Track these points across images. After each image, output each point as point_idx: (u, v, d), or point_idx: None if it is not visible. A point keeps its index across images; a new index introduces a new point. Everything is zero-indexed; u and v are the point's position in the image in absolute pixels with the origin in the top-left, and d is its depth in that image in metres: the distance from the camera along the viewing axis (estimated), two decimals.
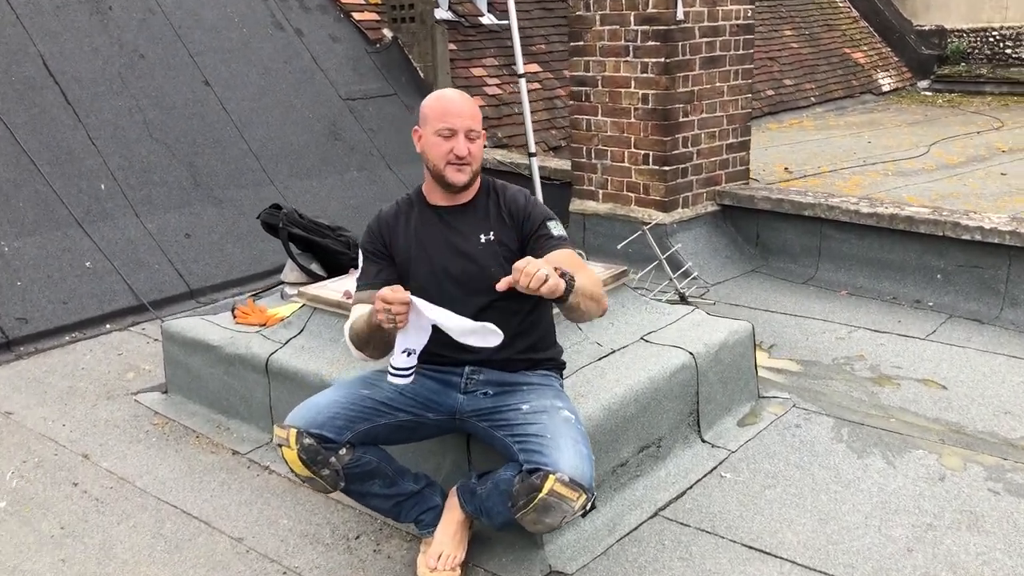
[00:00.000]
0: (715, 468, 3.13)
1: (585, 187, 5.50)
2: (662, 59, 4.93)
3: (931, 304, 4.51)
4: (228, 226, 5.51)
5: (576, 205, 5.59)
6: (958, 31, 12.69)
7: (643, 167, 5.16)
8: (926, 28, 12.87)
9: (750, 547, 2.68)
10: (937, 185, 6.46)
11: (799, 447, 3.24)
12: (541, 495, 2.23)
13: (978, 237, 4.31)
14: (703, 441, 3.29)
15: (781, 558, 2.62)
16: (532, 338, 2.62)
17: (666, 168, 5.07)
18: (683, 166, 5.14)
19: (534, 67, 8.35)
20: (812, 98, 10.94)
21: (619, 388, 2.98)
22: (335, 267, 3.92)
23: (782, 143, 8.56)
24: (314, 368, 3.26)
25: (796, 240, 5.07)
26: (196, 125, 5.85)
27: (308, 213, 4.03)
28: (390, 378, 2.42)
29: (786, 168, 7.19)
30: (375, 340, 2.45)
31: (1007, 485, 2.93)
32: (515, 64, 5.03)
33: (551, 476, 2.23)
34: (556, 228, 2.54)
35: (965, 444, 3.21)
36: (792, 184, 6.36)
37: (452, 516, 2.61)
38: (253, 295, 4.12)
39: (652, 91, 5.01)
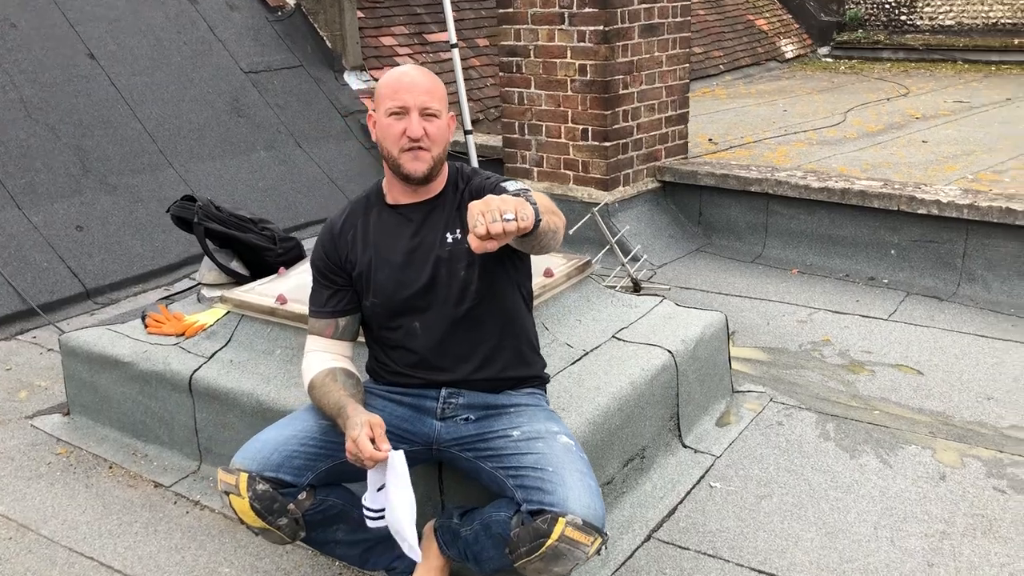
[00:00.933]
0: (702, 477, 2.87)
1: (519, 165, 5.15)
2: (600, 27, 4.60)
3: (886, 281, 4.37)
4: (124, 216, 4.94)
5: None
6: None
7: (582, 143, 4.85)
8: None
9: (759, 571, 2.42)
10: (864, 154, 6.37)
11: (786, 448, 3.01)
12: (550, 542, 1.91)
13: (934, 211, 4.17)
14: (684, 446, 3.02)
15: None
16: (516, 350, 2.27)
17: (607, 144, 4.77)
18: (624, 141, 4.85)
19: (445, 35, 7.91)
20: (721, 66, 10.84)
21: (602, 398, 2.67)
22: (259, 265, 3.47)
23: (698, 113, 8.37)
24: (247, 387, 2.84)
25: (741, 217, 4.86)
26: (82, 103, 5.23)
27: (218, 200, 3.53)
28: (368, 522, 2.09)
29: (710, 139, 7.00)
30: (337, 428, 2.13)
31: (1011, 482, 2.77)
32: (447, 33, 4.61)
33: (561, 519, 1.90)
34: (512, 185, 2.06)
35: (957, 436, 3.04)
36: (719, 156, 6.15)
37: (431, 563, 2.26)
38: (165, 299, 3.63)
39: (590, 61, 4.69)
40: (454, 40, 4.26)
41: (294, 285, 3.10)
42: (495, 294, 2.19)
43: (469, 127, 4.41)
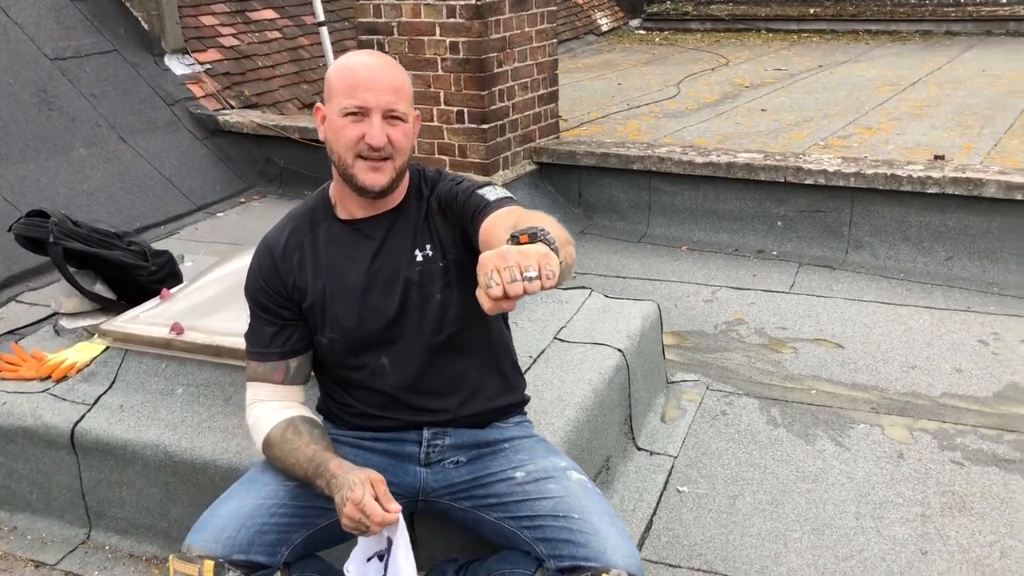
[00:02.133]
0: (667, 482, 2.69)
1: None
2: (472, 0, 4.30)
3: (775, 253, 4.37)
4: None
5: None
6: None
7: (457, 126, 4.55)
8: None
9: None
10: (713, 125, 6.43)
11: (740, 440, 2.89)
12: None
13: (821, 181, 4.19)
14: (639, 449, 2.84)
15: None
16: (502, 375, 1.98)
17: (485, 126, 4.49)
18: (501, 123, 4.59)
19: (269, 13, 7.33)
20: None
21: (570, 411, 2.42)
22: (127, 286, 2.96)
23: None
24: (149, 437, 2.39)
25: (623, 196, 4.74)
26: None
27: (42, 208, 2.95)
28: None
29: (559, 117, 6.87)
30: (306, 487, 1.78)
31: (964, 454, 2.77)
32: (312, 10, 4.12)
33: None
34: (492, 192, 1.80)
35: (898, 410, 3.02)
36: (575, 133, 6.03)
37: None
38: (10, 333, 3.04)
39: (463, 38, 4.39)
40: (321, 17, 3.84)
41: (185, 309, 2.66)
42: (477, 315, 1.87)
43: None
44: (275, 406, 1.87)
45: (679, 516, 2.54)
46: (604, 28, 12.24)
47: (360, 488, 1.62)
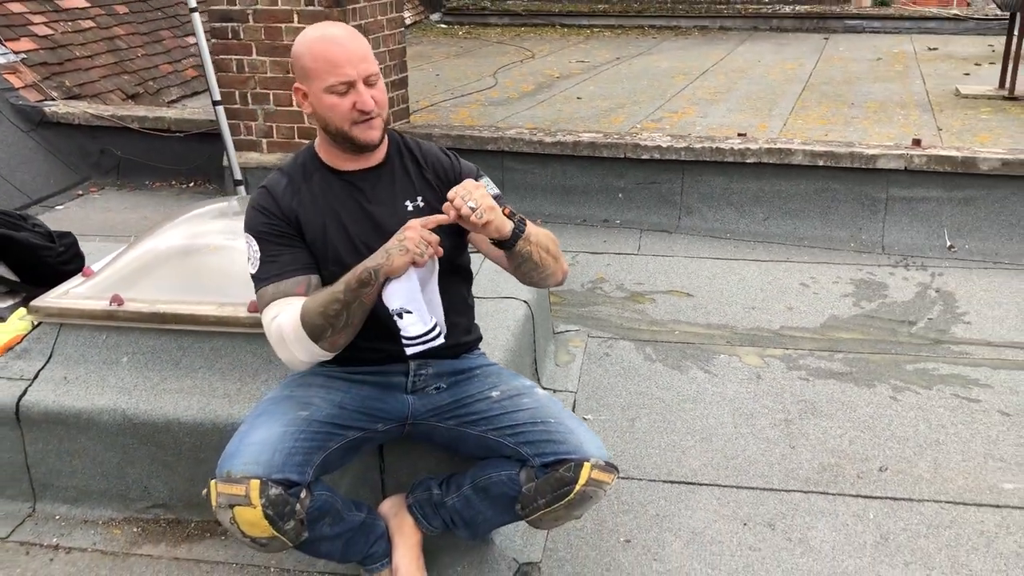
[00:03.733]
0: (573, 413, 3.07)
1: (243, 137, 4.86)
2: None
3: (619, 222, 4.87)
4: None
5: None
6: None
7: None
8: None
9: (672, 482, 2.70)
10: (537, 111, 6.89)
11: (625, 374, 3.32)
12: (579, 487, 1.98)
13: (656, 156, 4.72)
14: (545, 388, 3.18)
15: (705, 484, 2.69)
16: (468, 315, 2.28)
17: None
18: None
19: (80, 1, 7.07)
20: None
21: (497, 353, 2.73)
22: (35, 267, 2.96)
23: None
24: (104, 403, 2.48)
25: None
26: None
27: None
28: (416, 350, 1.91)
29: None
30: (355, 312, 1.92)
31: (808, 372, 3.33)
32: None
33: (586, 464, 1.98)
34: (491, 187, 2.14)
35: (749, 342, 3.56)
36: (411, 120, 6.30)
37: (411, 539, 2.21)
38: None
39: None
40: (194, 4, 3.88)
41: (118, 282, 2.72)
42: (457, 262, 2.17)
43: (217, 97, 4.06)
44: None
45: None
46: (408, 22, 12.50)
47: (400, 235, 1.87)
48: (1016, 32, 6.70)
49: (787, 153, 4.53)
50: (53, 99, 5.90)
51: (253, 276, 2.05)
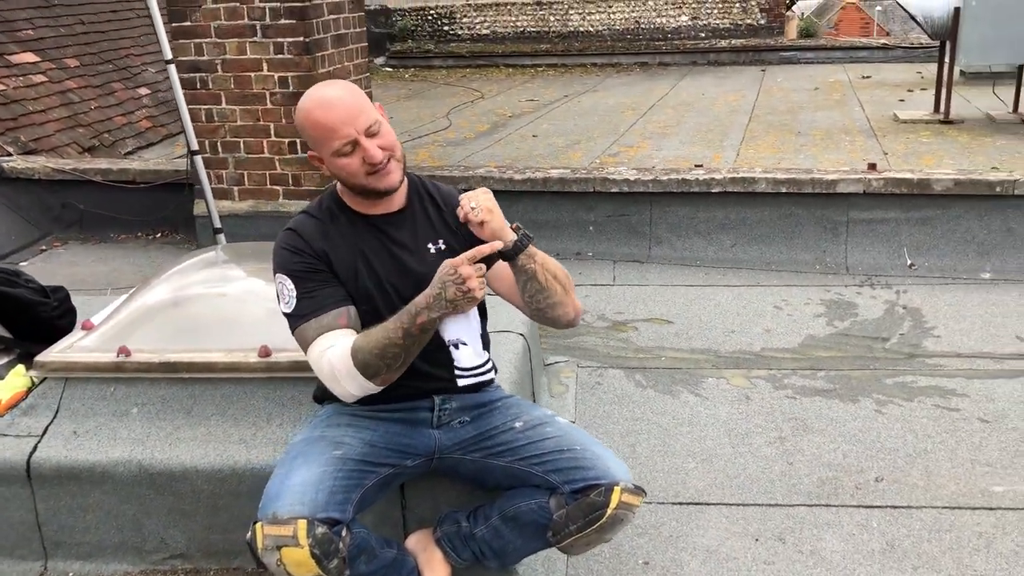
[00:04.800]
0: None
1: (215, 185, 4.86)
2: (301, 38, 4.55)
3: (591, 254, 4.97)
4: None
5: (202, 207, 4.92)
6: (401, 10, 13.70)
7: (290, 156, 4.75)
8: (371, 7, 13.63)
9: (681, 503, 2.77)
10: (495, 150, 7.01)
11: (619, 402, 3.39)
12: (610, 511, 2.04)
13: (625, 189, 4.85)
14: None
15: (713, 503, 2.77)
16: (486, 351, 2.33)
17: None
18: None
19: (30, 56, 7.02)
20: None
21: (503, 387, 2.79)
22: (29, 322, 2.93)
23: None
24: (119, 455, 2.47)
25: None
26: None
27: None
28: (467, 382, 2.13)
29: None
30: (412, 352, 2.00)
31: (793, 390, 3.45)
32: (160, 49, 4.12)
33: (616, 488, 2.04)
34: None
35: (733, 365, 3.67)
36: None
37: (442, 573, 2.23)
38: None
39: (292, 73, 4.62)
40: (169, 55, 3.89)
41: (120, 334, 2.72)
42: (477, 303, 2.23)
43: (195, 146, 4.07)
44: (346, 338, 2.02)
45: None
46: None
47: (449, 265, 1.93)
48: (947, 59, 7.04)
49: (750, 182, 4.69)
50: (10, 154, 5.83)
51: (290, 315, 2.07)
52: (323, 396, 2.28)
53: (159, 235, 5.55)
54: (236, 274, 3.19)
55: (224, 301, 2.87)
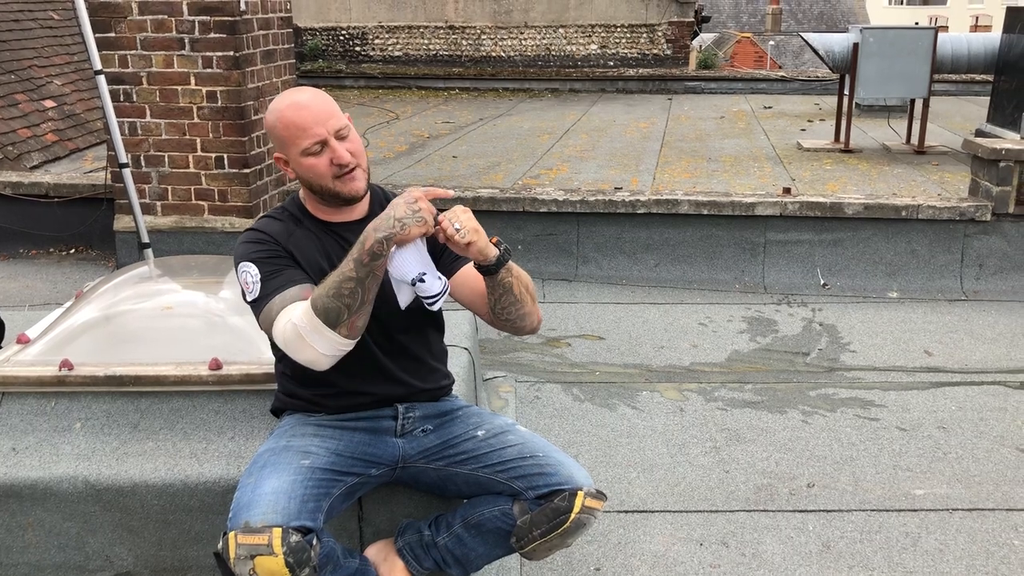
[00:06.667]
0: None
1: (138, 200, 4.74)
2: (230, 52, 4.51)
3: None
4: None
5: (124, 222, 4.81)
6: (311, 29, 13.62)
7: (217, 171, 4.68)
8: None
9: (626, 511, 2.85)
10: (416, 170, 7.04)
11: (559, 415, 3.46)
12: (574, 515, 2.09)
13: (553, 208, 4.95)
14: None
15: (657, 511, 2.85)
16: (443, 360, 2.37)
17: (247, 170, 4.68)
18: (260, 167, 4.80)
19: None
20: None
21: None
22: None
23: None
24: (62, 472, 2.40)
25: None
26: None
27: None
28: (438, 304, 2.06)
29: None
30: (369, 287, 1.96)
31: (723, 403, 3.58)
32: (88, 60, 4.01)
33: (579, 493, 2.10)
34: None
35: (665, 379, 3.79)
36: None
37: None
38: None
39: (221, 88, 4.56)
40: (98, 66, 3.79)
41: (57, 348, 2.64)
42: (437, 310, 2.26)
43: (124, 159, 3.96)
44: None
45: None
46: None
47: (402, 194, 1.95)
48: (847, 92, 7.44)
49: (674, 203, 4.86)
50: None
51: (255, 300, 2.05)
52: (282, 407, 2.28)
53: (73, 251, 5.37)
54: (174, 287, 3.14)
55: (167, 314, 2.82)
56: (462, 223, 2.02)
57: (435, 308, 2.05)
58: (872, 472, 3.07)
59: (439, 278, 2.05)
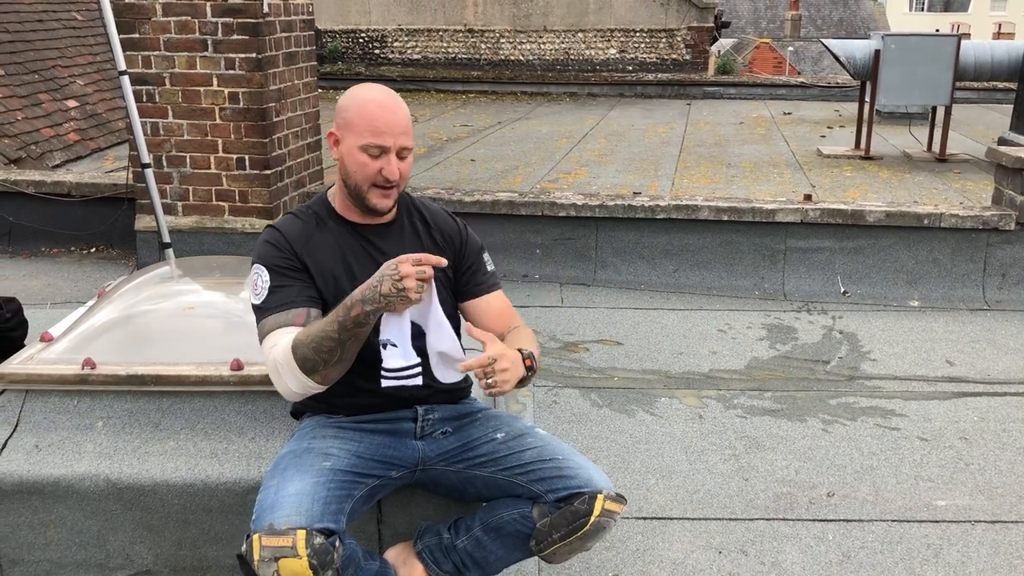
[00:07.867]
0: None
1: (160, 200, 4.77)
2: (253, 54, 4.53)
3: (538, 277, 5.04)
4: None
5: (145, 222, 4.84)
6: (331, 32, 13.67)
7: (238, 172, 4.70)
8: None
9: (645, 518, 2.84)
10: (435, 173, 7.06)
11: (577, 420, 3.45)
12: (594, 519, 2.08)
13: (572, 213, 4.94)
14: None
15: (675, 518, 2.84)
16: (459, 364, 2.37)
17: (268, 172, 4.70)
18: (281, 168, 4.82)
19: None
20: None
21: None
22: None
23: None
24: (85, 469, 2.41)
25: None
26: None
27: None
28: (390, 384, 2.03)
29: None
30: (349, 348, 1.97)
31: (743, 410, 3.56)
32: (110, 60, 4.04)
33: (599, 496, 2.09)
34: (490, 262, 2.33)
35: (684, 385, 3.77)
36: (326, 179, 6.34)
37: None
38: None
39: (243, 89, 4.58)
40: (123, 66, 3.82)
41: (81, 344, 2.66)
42: (451, 314, 2.27)
43: (147, 160, 3.98)
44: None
45: None
46: None
47: (394, 265, 1.90)
48: (867, 99, 7.40)
49: (694, 209, 4.84)
50: None
51: (257, 306, 2.09)
52: (302, 409, 2.29)
53: (94, 250, 5.41)
54: (195, 288, 3.16)
55: (189, 314, 2.84)
56: (499, 384, 1.97)
57: (384, 384, 2.05)
58: (893, 482, 3.04)
59: (408, 359, 2.04)
